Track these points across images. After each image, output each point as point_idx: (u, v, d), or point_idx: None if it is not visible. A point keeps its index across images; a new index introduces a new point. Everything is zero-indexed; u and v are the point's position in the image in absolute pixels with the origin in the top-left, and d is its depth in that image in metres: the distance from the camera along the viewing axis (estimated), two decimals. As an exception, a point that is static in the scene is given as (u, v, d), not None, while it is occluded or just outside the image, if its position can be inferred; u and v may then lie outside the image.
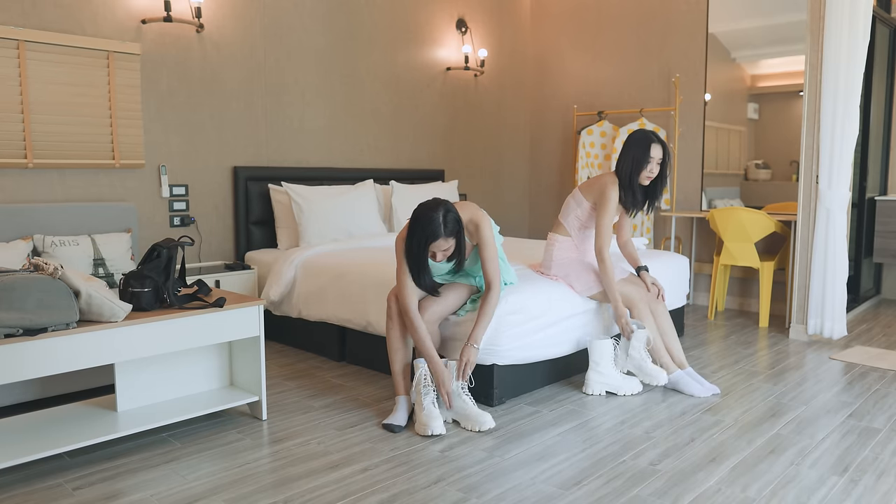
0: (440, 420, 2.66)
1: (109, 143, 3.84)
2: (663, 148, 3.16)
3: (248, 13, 4.44)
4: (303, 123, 4.79)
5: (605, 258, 3.16)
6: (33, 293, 2.14)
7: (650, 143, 3.12)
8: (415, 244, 2.60)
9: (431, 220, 2.55)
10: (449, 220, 2.58)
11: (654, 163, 3.14)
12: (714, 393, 3.16)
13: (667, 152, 3.18)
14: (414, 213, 2.60)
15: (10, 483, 2.26)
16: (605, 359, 3.15)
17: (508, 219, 6.42)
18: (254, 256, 4.38)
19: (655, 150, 3.13)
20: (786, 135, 5.03)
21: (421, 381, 2.71)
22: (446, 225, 2.57)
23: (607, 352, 3.14)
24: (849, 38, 3.86)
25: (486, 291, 2.81)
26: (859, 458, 2.46)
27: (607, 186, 3.17)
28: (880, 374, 3.50)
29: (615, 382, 3.15)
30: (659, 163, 3.16)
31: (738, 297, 5.28)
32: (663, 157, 3.16)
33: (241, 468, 2.38)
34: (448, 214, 2.58)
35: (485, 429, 2.68)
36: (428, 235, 2.56)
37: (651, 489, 2.21)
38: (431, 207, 2.58)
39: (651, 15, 5.61)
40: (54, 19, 3.63)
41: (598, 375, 3.16)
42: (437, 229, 2.55)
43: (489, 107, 6.17)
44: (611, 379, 3.15)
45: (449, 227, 2.58)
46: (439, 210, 2.57)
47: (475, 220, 2.78)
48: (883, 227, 5.07)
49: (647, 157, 3.12)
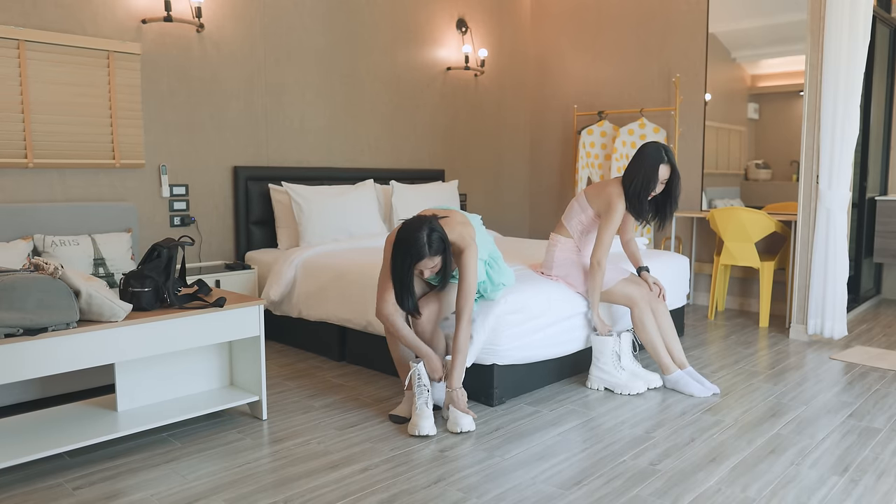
0: (431, 420, 2.67)
1: (110, 142, 3.85)
2: (672, 167, 3.14)
3: (248, 13, 4.44)
4: (303, 123, 4.79)
5: (600, 267, 3.17)
6: (33, 293, 2.14)
7: (659, 163, 3.10)
8: (398, 264, 2.57)
9: (416, 241, 2.53)
10: (434, 240, 2.55)
11: (658, 183, 3.13)
12: (714, 393, 3.16)
13: (675, 171, 3.15)
14: (398, 235, 2.58)
15: (10, 483, 2.26)
16: (606, 355, 3.16)
17: (508, 219, 6.42)
18: (254, 256, 4.38)
19: (664, 170, 3.12)
20: (786, 135, 5.02)
21: (415, 382, 2.71)
22: (430, 245, 2.54)
23: (608, 349, 3.15)
24: (849, 38, 3.86)
25: (456, 325, 2.72)
26: (859, 458, 2.46)
27: (613, 199, 3.15)
28: (880, 374, 3.50)
29: (614, 380, 3.16)
30: (664, 182, 3.15)
31: (738, 297, 5.28)
32: (671, 176, 3.15)
33: (242, 468, 2.38)
34: (433, 234, 2.55)
35: (465, 430, 2.67)
36: (413, 256, 2.54)
37: (651, 489, 2.21)
38: (416, 228, 2.55)
39: (651, 15, 5.61)
40: (55, 19, 3.63)
41: (598, 371, 3.20)
42: (421, 249, 2.53)
43: (489, 107, 6.17)
44: (610, 377, 3.17)
45: (434, 247, 2.55)
46: (423, 230, 2.54)
47: (460, 246, 2.70)
48: (883, 227, 5.07)
49: (655, 177, 3.11)
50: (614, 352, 3.18)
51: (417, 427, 2.64)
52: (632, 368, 3.21)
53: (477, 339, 2.88)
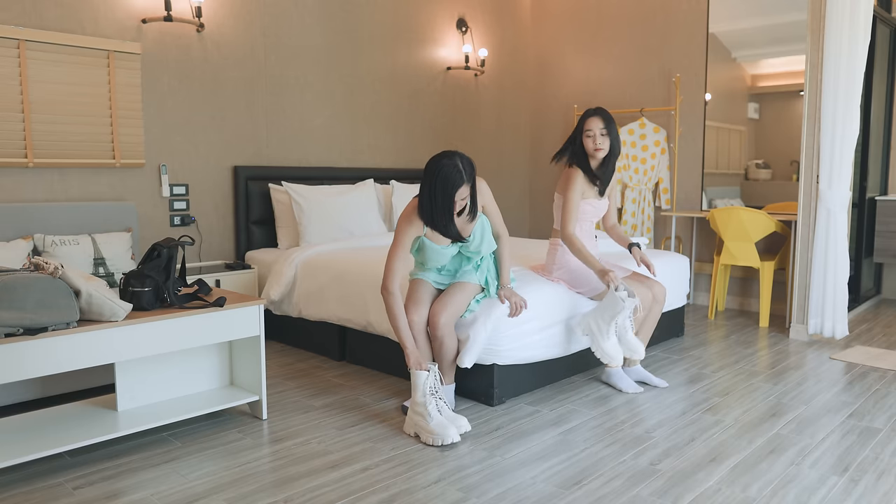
0: (453, 428, 2.57)
1: (110, 142, 3.85)
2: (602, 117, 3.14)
3: (248, 13, 4.44)
4: (303, 123, 4.79)
5: (574, 237, 3.14)
6: (34, 292, 2.14)
7: (586, 116, 3.16)
8: (438, 196, 2.62)
9: (454, 167, 2.61)
10: (466, 165, 2.65)
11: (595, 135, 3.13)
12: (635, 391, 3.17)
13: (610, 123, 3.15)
14: (429, 168, 2.64)
15: (10, 482, 2.26)
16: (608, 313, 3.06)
17: (508, 219, 6.41)
18: (254, 256, 4.38)
19: (592, 122, 3.14)
20: (786, 134, 5.02)
21: (427, 390, 2.61)
22: (465, 170, 2.63)
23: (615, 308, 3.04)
24: (849, 37, 3.86)
25: (497, 241, 2.96)
26: (859, 457, 2.46)
27: (567, 175, 3.22)
28: (881, 374, 3.50)
29: (606, 345, 3.07)
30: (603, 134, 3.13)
31: (738, 296, 5.28)
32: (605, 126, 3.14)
33: (242, 467, 2.38)
34: (464, 159, 2.66)
35: (446, 442, 2.54)
36: (453, 182, 2.60)
37: (651, 489, 2.21)
38: (447, 156, 2.64)
39: (651, 15, 5.61)
40: (55, 19, 3.63)
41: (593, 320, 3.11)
42: (459, 176, 2.61)
43: (489, 106, 6.17)
44: (603, 341, 3.07)
45: (468, 172, 2.65)
46: (455, 157, 2.64)
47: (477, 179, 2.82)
48: (883, 227, 5.07)
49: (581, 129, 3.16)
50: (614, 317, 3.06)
51: (441, 437, 2.53)
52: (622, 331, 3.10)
53: (478, 338, 2.88)
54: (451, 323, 2.84)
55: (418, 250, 2.88)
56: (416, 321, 2.82)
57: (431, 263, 2.89)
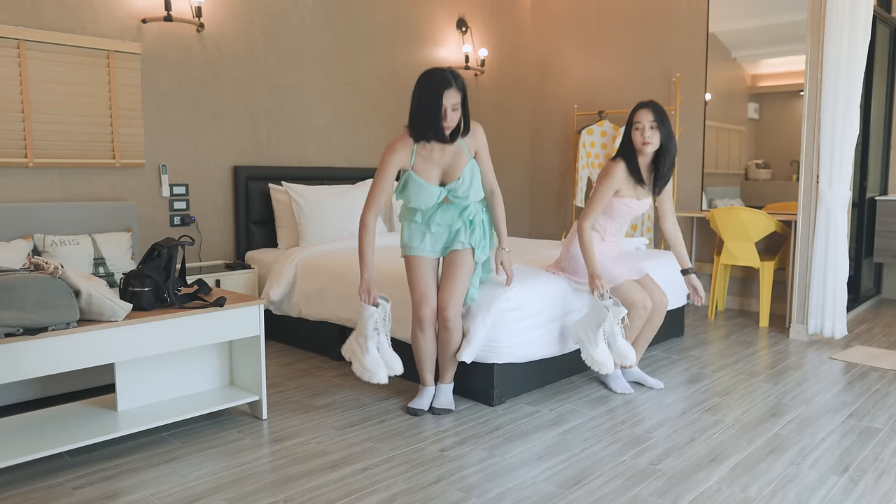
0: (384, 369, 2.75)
1: (110, 142, 3.85)
2: (654, 110, 3.04)
3: (248, 13, 4.44)
4: (303, 123, 4.79)
5: (582, 231, 3.05)
6: (33, 292, 2.14)
7: (636, 109, 3.09)
8: (426, 98, 2.64)
9: (441, 72, 2.65)
10: (457, 75, 2.68)
11: (644, 127, 3.03)
12: (626, 392, 3.17)
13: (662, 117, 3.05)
14: (421, 76, 2.69)
15: (10, 482, 2.26)
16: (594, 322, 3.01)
17: (508, 219, 6.41)
18: (254, 256, 4.38)
19: (641, 114, 3.05)
20: (786, 134, 5.02)
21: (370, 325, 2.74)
22: (455, 77, 2.66)
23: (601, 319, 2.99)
24: (849, 37, 3.86)
25: (491, 199, 2.94)
26: (859, 457, 2.46)
27: (608, 166, 3.11)
28: (880, 373, 3.50)
29: (595, 353, 3.01)
30: (652, 127, 3.03)
31: (738, 296, 5.28)
32: (655, 118, 3.04)
33: (242, 467, 2.38)
34: (455, 71, 2.69)
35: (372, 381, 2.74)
36: (440, 83, 2.62)
37: (651, 489, 2.21)
38: (437, 68, 2.70)
39: (651, 14, 5.61)
40: (55, 18, 3.63)
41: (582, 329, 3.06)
42: (447, 78, 2.63)
43: (489, 106, 6.17)
44: (592, 349, 3.02)
45: (458, 81, 2.66)
46: (446, 69, 2.69)
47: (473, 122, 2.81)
48: (883, 227, 5.07)
49: (631, 121, 3.08)
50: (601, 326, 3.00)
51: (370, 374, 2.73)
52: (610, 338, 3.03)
53: (478, 333, 2.88)
54: (459, 314, 2.85)
55: (403, 188, 2.81)
56: (427, 316, 2.82)
57: (416, 203, 2.80)
